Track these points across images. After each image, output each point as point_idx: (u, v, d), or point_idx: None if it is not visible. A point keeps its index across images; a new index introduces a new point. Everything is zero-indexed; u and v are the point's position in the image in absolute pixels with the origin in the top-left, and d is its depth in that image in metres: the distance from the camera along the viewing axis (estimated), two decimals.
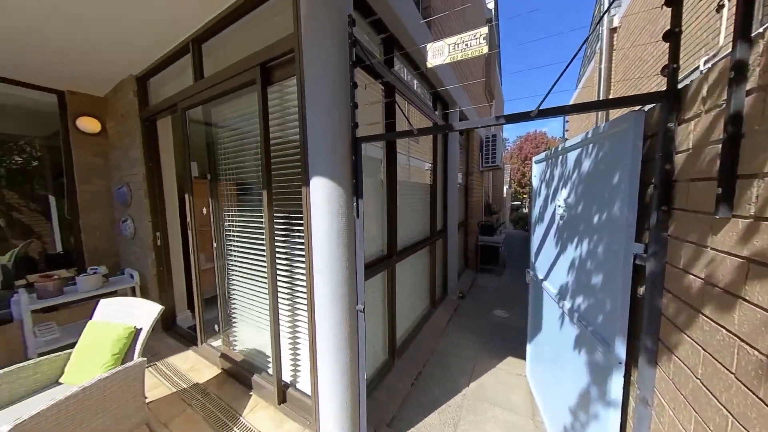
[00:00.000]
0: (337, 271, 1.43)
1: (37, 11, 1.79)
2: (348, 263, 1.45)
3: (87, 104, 3.19)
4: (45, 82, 2.92)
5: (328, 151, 1.40)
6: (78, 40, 2.14)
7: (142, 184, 2.85)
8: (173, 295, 3.02)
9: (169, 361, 2.48)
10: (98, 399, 1.39)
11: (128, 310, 1.80)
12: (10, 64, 2.47)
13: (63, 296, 2.53)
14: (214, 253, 2.32)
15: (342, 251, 1.43)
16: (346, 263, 1.44)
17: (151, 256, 2.91)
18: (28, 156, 4.40)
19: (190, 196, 2.41)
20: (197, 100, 2.15)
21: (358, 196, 1.43)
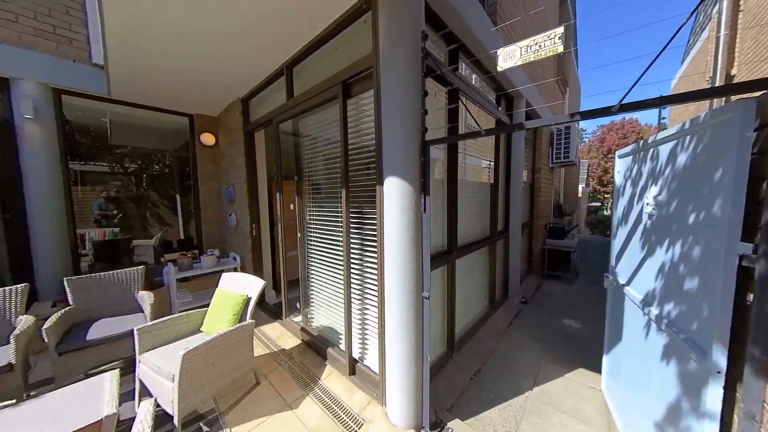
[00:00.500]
0: (406, 260, 1.61)
1: (170, 57, 2.45)
2: (415, 253, 1.61)
3: (207, 123, 4.10)
4: (181, 108, 3.87)
5: (401, 154, 1.58)
6: (201, 77, 2.82)
7: (244, 185, 3.54)
8: (263, 276, 3.66)
9: (262, 329, 3.04)
10: (226, 345, 1.86)
11: (242, 283, 2.32)
12: (154, 96, 3.40)
13: (193, 270, 3.34)
14: (298, 242, 2.76)
15: (411, 242, 1.60)
16: (413, 253, 1.61)
17: (248, 244, 3.59)
18: (163, 165, 5.84)
19: (280, 195, 2.91)
20: (288, 114, 2.59)
21: (426, 193, 1.58)
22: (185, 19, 1.95)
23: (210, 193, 4.21)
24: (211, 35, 2.12)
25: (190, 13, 1.88)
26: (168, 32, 2.09)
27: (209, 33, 2.09)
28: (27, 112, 2.78)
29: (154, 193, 5.80)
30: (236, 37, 2.14)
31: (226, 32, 2.08)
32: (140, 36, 2.14)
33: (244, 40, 2.19)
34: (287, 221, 2.97)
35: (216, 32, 2.08)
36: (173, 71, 2.73)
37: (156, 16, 1.91)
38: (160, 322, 2.01)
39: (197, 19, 1.93)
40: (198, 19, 1.95)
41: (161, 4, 1.80)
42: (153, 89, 3.18)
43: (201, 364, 1.71)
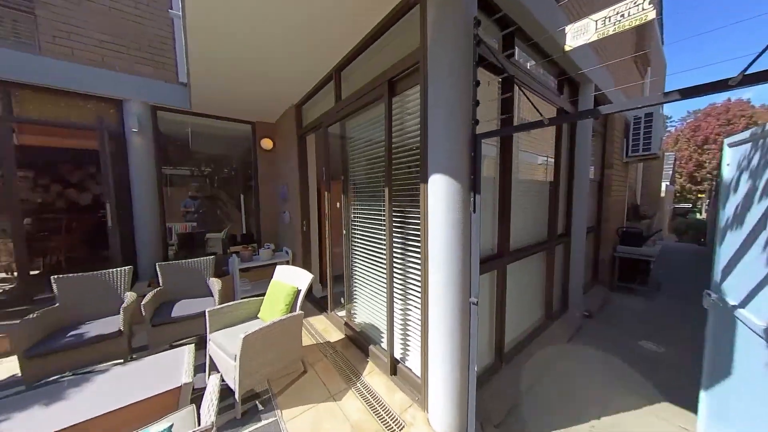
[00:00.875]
0: (452, 261, 1.53)
1: (237, 72, 2.72)
2: (463, 255, 1.52)
3: (266, 129, 4.53)
4: (245, 117, 4.33)
5: (448, 149, 1.50)
6: (261, 87, 3.10)
7: (296, 184, 3.81)
8: (311, 269, 3.89)
9: (310, 320, 3.24)
10: (279, 332, 2.01)
11: (293, 275, 2.49)
12: (224, 107, 3.85)
13: (252, 262, 3.72)
14: (343, 239, 2.86)
15: (457, 243, 1.51)
16: (460, 254, 1.52)
17: (299, 239, 3.86)
18: (230, 168, 6.63)
19: (328, 194, 3.06)
20: (336, 117, 2.70)
21: (476, 191, 1.48)
22: (249, 35, 2.16)
23: (268, 192, 4.64)
24: (269, 47, 2.32)
25: (253, 30, 2.09)
26: (235, 49, 2.35)
27: (268, 45, 2.29)
28: (134, 126, 3.42)
29: (224, 193, 6.66)
30: (290, 46, 2.30)
31: (281, 42, 2.26)
32: (214, 56, 2.45)
33: (296, 49, 2.35)
34: (334, 219, 3.10)
35: (273, 43, 2.27)
36: (239, 84, 3.07)
37: (225, 38, 2.16)
38: (226, 306, 2.28)
39: (258, 34, 2.13)
40: (258, 35, 2.15)
41: (230, 28, 2.03)
42: (223, 101, 3.62)
43: (258, 348, 1.88)
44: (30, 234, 3.59)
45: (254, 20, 2.00)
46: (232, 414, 1.82)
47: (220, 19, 2.00)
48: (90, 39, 3.20)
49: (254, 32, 2.12)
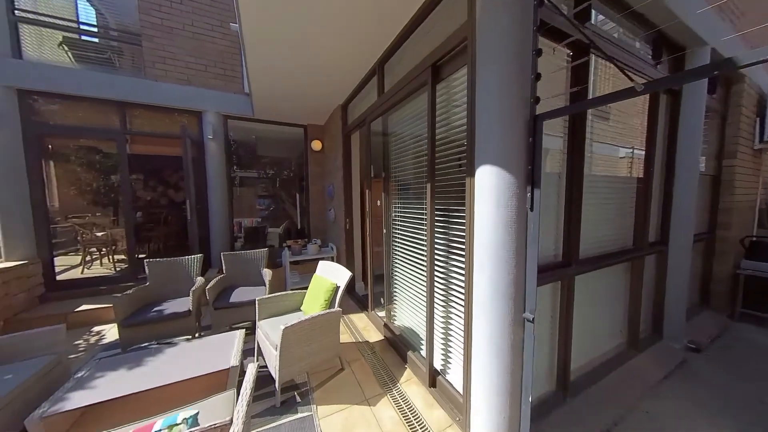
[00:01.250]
0: (501, 268, 1.30)
1: (289, 79, 2.86)
2: (516, 261, 1.28)
3: (316, 131, 4.77)
4: (298, 121, 4.63)
5: (499, 134, 1.28)
6: (310, 89, 3.22)
7: (341, 183, 3.89)
8: (353, 267, 3.93)
9: (350, 317, 3.26)
10: (318, 327, 2.03)
11: (334, 271, 2.52)
12: (282, 113, 4.13)
13: (301, 255, 3.94)
14: (383, 238, 2.79)
15: (508, 246, 1.28)
16: (513, 260, 1.28)
17: (342, 236, 3.94)
18: (289, 169, 7.22)
19: (369, 192, 3.03)
20: (379, 111, 2.64)
21: (534, 186, 1.22)
22: (298, 41, 2.26)
23: (317, 191, 4.88)
24: (316, 50, 2.39)
25: (302, 36, 2.17)
26: (286, 55, 2.48)
27: (315, 48, 2.36)
28: (209, 134, 3.95)
29: (284, 192, 7.33)
30: (335, 45, 2.32)
31: (326, 43, 2.29)
32: (268, 64, 2.64)
33: (341, 46, 2.35)
34: (376, 217, 3.05)
35: (319, 46, 2.32)
36: (291, 89, 3.25)
37: (277, 47, 2.29)
38: (274, 296, 2.42)
39: (306, 37, 2.20)
40: (306, 39, 2.22)
41: (281, 36, 2.14)
42: (279, 107, 3.91)
43: (296, 340, 1.93)
44: (138, 225, 4.46)
45: (302, 25, 2.06)
46: (272, 401, 1.90)
47: (272, 28, 2.12)
48: (179, 62, 3.80)
49: (303, 37, 2.21)
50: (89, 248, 4.43)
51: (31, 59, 3.31)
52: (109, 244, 4.51)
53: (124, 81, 3.55)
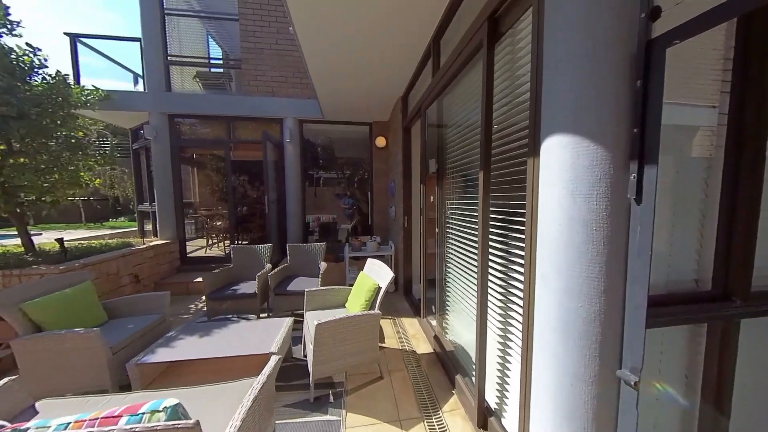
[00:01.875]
0: (576, 289, 0.84)
1: (348, 81, 2.82)
2: (605, 281, 0.80)
3: (381, 128, 4.74)
4: (364, 119, 4.69)
5: (577, 83, 0.82)
6: (371, 82, 3.14)
7: (401, 179, 3.71)
8: (411, 267, 3.70)
9: (403, 321, 3.05)
10: (354, 327, 1.91)
11: (378, 270, 2.37)
12: (348, 112, 4.24)
13: (360, 252, 3.96)
14: (436, 238, 2.45)
15: (590, 257, 0.81)
16: (599, 279, 0.80)
17: (401, 234, 3.75)
18: (363, 169, 7.52)
19: (423, 186, 2.73)
20: (433, 95, 2.32)
21: (645, 160, 0.72)
22: (351, 35, 2.20)
23: (380, 188, 4.86)
24: (369, 40, 2.28)
25: (353, 28, 2.10)
26: (341, 52, 2.47)
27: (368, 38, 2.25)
28: (287, 137, 4.44)
29: (359, 191, 7.75)
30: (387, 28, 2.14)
31: (378, 30, 2.14)
32: (327, 65, 2.71)
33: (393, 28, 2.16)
34: (428, 216, 2.73)
35: (372, 34, 2.20)
36: (352, 86, 3.28)
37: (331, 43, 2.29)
38: (321, 289, 2.45)
39: (357, 28, 2.12)
40: (358, 30, 2.14)
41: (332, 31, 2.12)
42: (345, 106, 4.02)
43: (332, 338, 1.85)
44: (242, 218, 5.44)
45: (350, 20, 2.00)
46: (307, 395, 1.89)
47: (322, 28, 2.13)
48: (266, 77, 4.42)
49: (355, 30, 2.14)
50: (211, 234, 5.71)
51: (176, 91, 4.46)
52: (223, 232, 5.72)
53: (230, 99, 4.36)
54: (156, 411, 0.80)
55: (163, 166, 4.30)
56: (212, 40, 5.26)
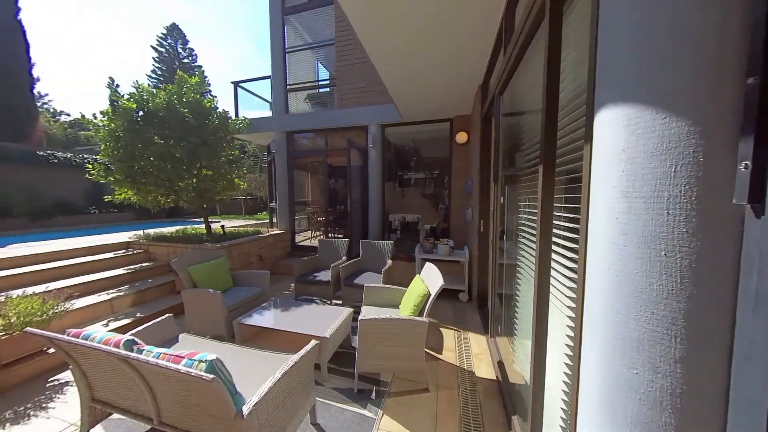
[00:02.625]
0: (626, 345, 0.54)
1: (419, 78, 2.74)
2: (683, 344, 0.48)
3: (462, 122, 4.40)
4: (445, 115, 4.48)
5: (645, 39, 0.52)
6: (445, 69, 2.95)
7: (477, 176, 3.34)
8: (487, 278, 3.27)
9: (469, 335, 2.75)
10: (398, 330, 1.87)
11: (431, 276, 2.23)
12: (427, 110, 4.13)
13: (431, 254, 3.83)
14: (506, 248, 2.08)
15: (651, 300, 0.50)
16: (667, 338, 0.49)
17: (475, 240, 3.38)
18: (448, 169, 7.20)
19: (495, 185, 2.36)
20: (504, 78, 1.97)
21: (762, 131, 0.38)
22: (414, 24, 2.16)
23: (459, 187, 4.53)
24: (434, 27, 2.16)
25: (419, 18, 2.05)
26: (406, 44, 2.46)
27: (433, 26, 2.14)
28: (370, 142, 4.79)
29: (444, 190, 7.53)
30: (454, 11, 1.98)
31: (445, 16, 2.01)
32: (393, 63, 2.75)
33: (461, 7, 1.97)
34: (496, 220, 2.34)
35: (437, 21, 2.08)
36: (425, 81, 3.19)
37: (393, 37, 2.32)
38: (378, 286, 2.54)
39: (421, 15, 2.05)
40: (421, 17, 2.06)
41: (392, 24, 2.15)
42: (420, 105, 3.97)
43: (374, 336, 1.89)
44: (338, 215, 6.27)
45: (411, 11, 1.96)
46: (352, 384, 2.00)
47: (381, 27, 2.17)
48: (355, 89, 4.91)
49: (421, 22, 2.08)
50: (316, 227, 6.88)
51: (292, 112, 5.60)
52: (324, 226, 6.77)
53: (327, 114, 5.11)
54: (201, 361, 1.05)
55: (282, 173, 5.51)
56: (321, 65, 6.30)
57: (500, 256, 2.39)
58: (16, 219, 7.48)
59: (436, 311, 3.28)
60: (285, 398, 1.32)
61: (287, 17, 5.54)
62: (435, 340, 2.66)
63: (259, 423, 1.14)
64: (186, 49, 22.69)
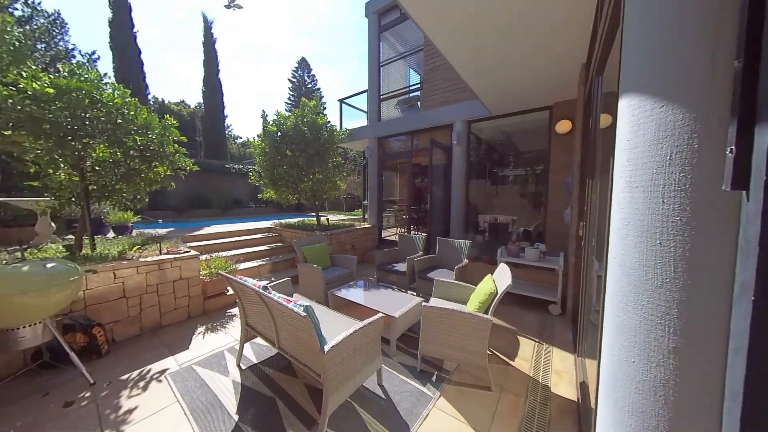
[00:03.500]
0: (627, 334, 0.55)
1: (504, 66, 2.61)
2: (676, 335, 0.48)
3: (563, 109, 3.79)
4: (543, 103, 3.97)
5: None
6: (537, 56, 2.70)
7: (577, 171, 2.87)
8: (585, 289, 2.77)
9: (553, 350, 2.46)
10: (460, 322, 1.96)
11: (502, 276, 2.16)
12: (519, 100, 3.79)
13: (517, 258, 3.53)
14: (596, 256, 1.79)
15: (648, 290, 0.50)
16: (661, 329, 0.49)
17: (572, 245, 2.91)
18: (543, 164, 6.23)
19: (590, 183, 2.04)
20: (599, 53, 1.71)
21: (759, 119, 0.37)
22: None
23: (557, 184, 3.92)
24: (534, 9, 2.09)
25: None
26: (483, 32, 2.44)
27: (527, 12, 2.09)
28: (455, 140, 4.79)
29: (544, 188, 6.59)
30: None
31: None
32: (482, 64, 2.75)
33: None
34: (590, 222, 2.00)
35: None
36: (513, 67, 2.99)
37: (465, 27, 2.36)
38: (446, 281, 2.64)
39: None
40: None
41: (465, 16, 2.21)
42: (512, 93, 3.66)
43: (436, 324, 2.04)
44: (412, 212, 6.52)
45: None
46: (416, 364, 2.21)
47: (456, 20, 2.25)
48: (440, 88, 5.00)
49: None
50: (400, 224, 7.36)
51: (384, 119, 6.22)
52: (408, 222, 7.17)
53: (413, 116, 5.43)
54: (300, 305, 1.52)
55: (372, 174, 6.21)
56: (412, 70, 6.69)
57: (598, 265, 2.05)
58: (213, 209, 11.43)
59: (516, 318, 3.04)
60: (355, 351, 1.67)
61: (383, 34, 6.17)
62: (508, 345, 2.52)
63: (334, 362, 1.52)
64: (310, 76, 28.07)
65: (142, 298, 2.70)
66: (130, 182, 2.94)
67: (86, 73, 2.60)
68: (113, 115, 2.68)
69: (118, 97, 2.72)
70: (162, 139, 3.03)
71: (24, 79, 2.33)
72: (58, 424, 1.64)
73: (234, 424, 1.65)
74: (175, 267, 2.92)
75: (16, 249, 2.71)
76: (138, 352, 2.39)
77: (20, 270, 1.76)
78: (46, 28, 9.62)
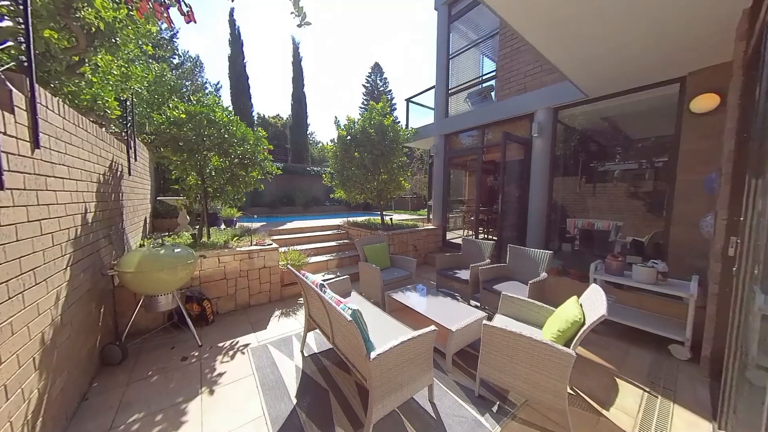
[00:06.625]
0: None
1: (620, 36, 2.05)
2: None
3: (707, 79, 2.76)
4: (668, 75, 3.00)
5: None
6: (665, 17, 2.02)
7: (729, 165, 2.04)
8: (734, 331, 1.94)
9: (673, 408, 1.82)
10: (530, 350, 1.63)
11: (593, 301, 1.70)
12: (630, 73, 2.97)
13: (620, 277, 2.78)
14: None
15: None
16: None
17: (716, 268, 2.09)
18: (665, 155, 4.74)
19: (755, 183, 1.39)
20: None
21: None
22: None
23: (689, 182, 2.90)
24: None
25: None
26: None
27: None
28: (535, 132, 4.12)
29: (668, 186, 5.05)
30: None
31: None
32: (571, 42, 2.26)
33: None
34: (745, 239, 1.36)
35: None
36: (633, 22, 2.34)
37: None
38: (517, 298, 2.27)
39: None
40: None
41: None
42: (628, 67, 2.85)
43: (499, 347, 1.76)
44: (481, 214, 5.92)
45: None
46: (474, 387, 1.96)
47: None
48: (518, 75, 4.37)
49: None
50: (468, 226, 6.86)
51: (451, 115, 5.87)
52: (481, 225, 6.61)
53: (484, 109, 4.93)
54: (350, 308, 1.52)
55: (438, 173, 5.95)
56: (486, 58, 6.09)
57: (763, 300, 1.39)
58: (296, 207, 13.15)
59: (618, 355, 2.40)
60: (403, 362, 1.59)
61: (452, 24, 5.81)
62: (602, 389, 1.99)
63: (380, 371, 1.47)
64: (382, 79, 29.09)
65: (237, 280, 3.27)
66: (233, 184, 3.60)
67: (205, 99, 3.30)
68: (222, 131, 3.31)
69: (225, 116, 3.35)
70: (255, 148, 3.59)
71: (169, 109, 3.13)
72: (176, 375, 2.11)
73: (292, 408, 1.80)
74: (261, 257, 3.42)
75: (164, 235, 3.75)
76: (231, 325, 2.90)
77: (159, 253, 2.34)
78: (191, 69, 12.81)
